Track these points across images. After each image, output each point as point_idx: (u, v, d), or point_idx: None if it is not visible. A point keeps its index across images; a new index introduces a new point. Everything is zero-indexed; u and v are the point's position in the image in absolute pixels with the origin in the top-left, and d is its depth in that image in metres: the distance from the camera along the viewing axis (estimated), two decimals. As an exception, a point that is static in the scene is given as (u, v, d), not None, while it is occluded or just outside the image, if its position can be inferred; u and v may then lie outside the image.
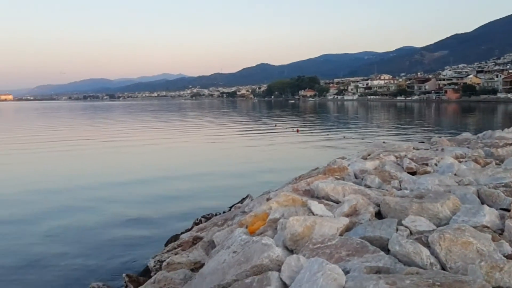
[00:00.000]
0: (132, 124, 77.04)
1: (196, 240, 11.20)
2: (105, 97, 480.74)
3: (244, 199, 16.77)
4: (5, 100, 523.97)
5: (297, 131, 53.73)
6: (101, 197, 20.77)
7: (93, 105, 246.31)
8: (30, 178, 26.03)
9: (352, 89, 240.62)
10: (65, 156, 35.39)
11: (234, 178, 25.00)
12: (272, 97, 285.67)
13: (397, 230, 6.91)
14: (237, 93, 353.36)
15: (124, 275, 10.47)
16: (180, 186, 23.09)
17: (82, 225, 16.68)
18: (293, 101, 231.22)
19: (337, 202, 9.32)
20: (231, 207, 16.37)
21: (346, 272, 5.45)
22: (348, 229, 7.59)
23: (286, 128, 59.56)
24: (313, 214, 8.16)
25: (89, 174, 26.93)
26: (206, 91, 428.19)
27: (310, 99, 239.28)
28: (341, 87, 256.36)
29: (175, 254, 10.11)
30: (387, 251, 6.29)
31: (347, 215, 8.10)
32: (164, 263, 9.46)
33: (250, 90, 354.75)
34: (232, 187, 22.37)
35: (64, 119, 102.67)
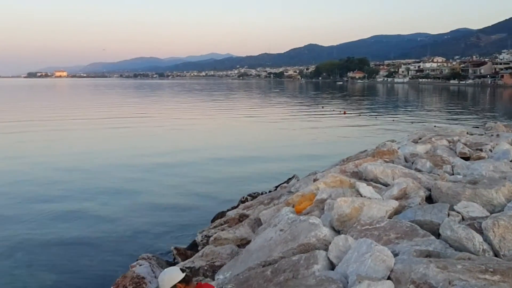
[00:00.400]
0: (182, 103, 78.30)
1: (242, 217, 11.37)
2: (155, 76, 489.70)
3: (290, 179, 16.79)
4: (60, 76, 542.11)
5: (344, 113, 53.03)
6: (152, 175, 21.32)
7: (144, 83, 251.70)
8: (96, 154, 27.00)
9: (403, 72, 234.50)
10: (123, 133, 36.54)
11: (279, 159, 25.03)
12: (320, 78, 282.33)
13: (448, 215, 6.77)
14: (284, 73, 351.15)
15: (172, 247, 10.78)
16: (226, 165, 23.36)
17: (134, 199, 17.24)
18: (341, 82, 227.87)
19: (386, 185, 9.21)
20: (277, 187, 16.44)
21: (395, 255, 5.40)
22: (397, 212, 7.50)
23: (333, 110, 58.87)
24: (361, 196, 8.10)
25: (139, 154, 27.67)
26: (253, 71, 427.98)
27: (359, 81, 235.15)
28: (392, 70, 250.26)
29: (222, 230, 10.30)
30: (438, 236, 6.18)
31: (396, 198, 7.99)
32: (211, 238, 9.67)
33: (297, 71, 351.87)
34: (277, 167, 22.43)
35: (119, 97, 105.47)
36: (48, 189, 18.57)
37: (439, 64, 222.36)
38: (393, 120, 44.88)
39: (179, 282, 3.80)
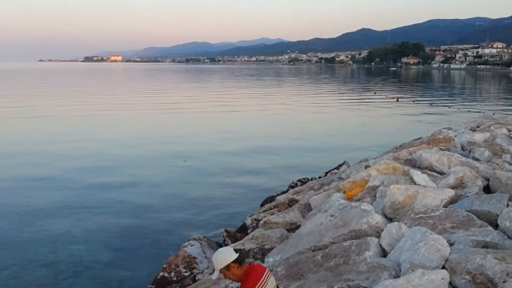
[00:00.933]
0: (232, 89, 78.89)
1: (292, 202, 11.40)
2: (206, 60, 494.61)
3: (340, 165, 16.64)
4: (115, 61, 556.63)
5: (397, 99, 51.72)
6: (203, 159, 21.68)
7: (195, 67, 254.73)
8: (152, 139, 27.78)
9: (460, 58, 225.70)
10: (175, 119, 37.41)
11: (329, 145, 24.83)
12: (372, 64, 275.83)
13: (507, 205, 6.52)
14: (336, 59, 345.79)
15: (222, 230, 10.97)
16: (275, 151, 23.39)
17: (187, 182, 17.65)
18: (394, 68, 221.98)
19: (441, 173, 8.96)
20: (327, 173, 16.34)
21: (450, 244, 5.27)
22: (452, 201, 7.30)
23: (385, 96, 57.57)
24: (415, 184, 7.92)
25: (190, 138, 28.19)
26: (304, 57, 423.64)
27: (413, 66, 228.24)
28: (448, 55, 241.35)
29: (272, 214, 10.38)
30: (495, 227, 5.98)
31: (452, 187, 7.77)
32: (261, 222, 9.76)
33: (349, 56, 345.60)
34: (327, 154, 22.27)
35: (172, 82, 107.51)
36: (106, 171, 19.27)
37: (498, 50, 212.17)
38: (449, 108, 43.40)
39: (233, 262, 3.87)
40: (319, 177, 15.90)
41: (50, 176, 18.27)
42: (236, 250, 3.95)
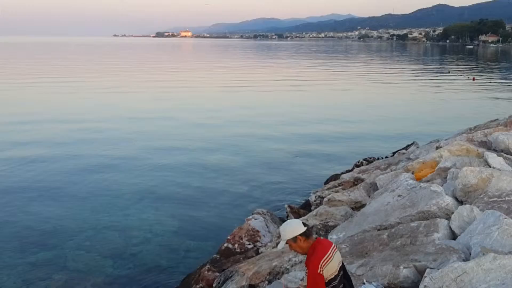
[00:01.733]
0: (300, 66, 78.31)
1: (357, 181, 11.26)
2: (274, 37, 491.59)
3: (409, 145, 16.19)
4: (185, 36, 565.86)
5: (473, 79, 49.18)
6: (270, 134, 21.87)
7: (263, 44, 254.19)
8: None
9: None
10: (244, 95, 37.89)
11: (397, 125, 24.21)
12: (447, 41, 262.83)
13: None
14: (408, 36, 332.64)
15: (286, 205, 11.06)
16: (341, 129, 23.14)
17: (252, 157, 17.96)
18: (471, 46, 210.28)
19: (519, 157, 8.50)
20: (394, 153, 15.97)
21: (526, 231, 5.02)
22: (530, 186, 6.91)
23: (460, 75, 54.90)
24: (490, 167, 7.57)
25: (259, 114, 28.42)
26: (374, 33, 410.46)
27: (492, 45, 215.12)
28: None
29: (336, 192, 10.32)
30: None
31: (531, 172, 7.35)
32: (325, 199, 9.74)
33: (423, 33, 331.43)
34: (394, 133, 21.76)
35: (242, 58, 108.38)
36: (175, 142, 19.94)
37: None
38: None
39: (300, 234, 3.90)
40: (386, 157, 15.58)
41: (126, 148, 19.19)
42: (304, 224, 3.97)
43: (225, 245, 8.79)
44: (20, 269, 9.19)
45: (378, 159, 15.37)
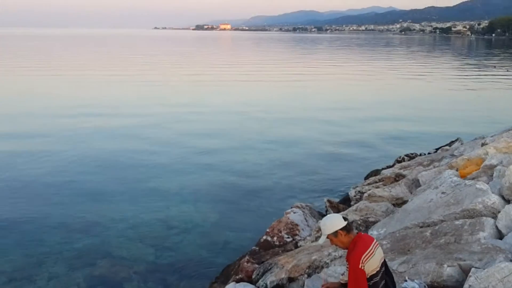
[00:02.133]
0: (340, 60, 77.53)
1: (398, 177, 11.09)
2: (313, 30, 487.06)
3: (453, 142, 15.80)
4: (224, 29, 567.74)
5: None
6: (310, 129, 21.82)
7: (303, 37, 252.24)
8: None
9: None
10: (283, 88, 37.93)
11: (440, 120, 23.66)
12: (493, 35, 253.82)
13: None
14: (452, 29, 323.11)
15: (325, 199, 11.02)
16: (382, 124, 22.80)
17: (292, 150, 17.97)
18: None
19: None
20: (437, 149, 15.64)
21: None
22: None
23: (506, 70, 53.00)
24: (539, 165, 7.33)
25: (300, 108, 28.39)
26: (417, 26, 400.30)
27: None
28: None
29: (377, 188, 10.21)
30: None
31: None
32: (365, 194, 9.65)
33: (467, 27, 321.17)
34: (438, 129, 21.27)
35: (283, 51, 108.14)
36: (219, 137, 20.12)
37: None
38: None
39: (341, 229, 3.90)
40: (428, 153, 15.28)
41: (167, 138, 19.59)
42: (344, 218, 3.97)
43: (264, 237, 8.85)
44: (66, 255, 9.53)
45: (420, 155, 15.07)
